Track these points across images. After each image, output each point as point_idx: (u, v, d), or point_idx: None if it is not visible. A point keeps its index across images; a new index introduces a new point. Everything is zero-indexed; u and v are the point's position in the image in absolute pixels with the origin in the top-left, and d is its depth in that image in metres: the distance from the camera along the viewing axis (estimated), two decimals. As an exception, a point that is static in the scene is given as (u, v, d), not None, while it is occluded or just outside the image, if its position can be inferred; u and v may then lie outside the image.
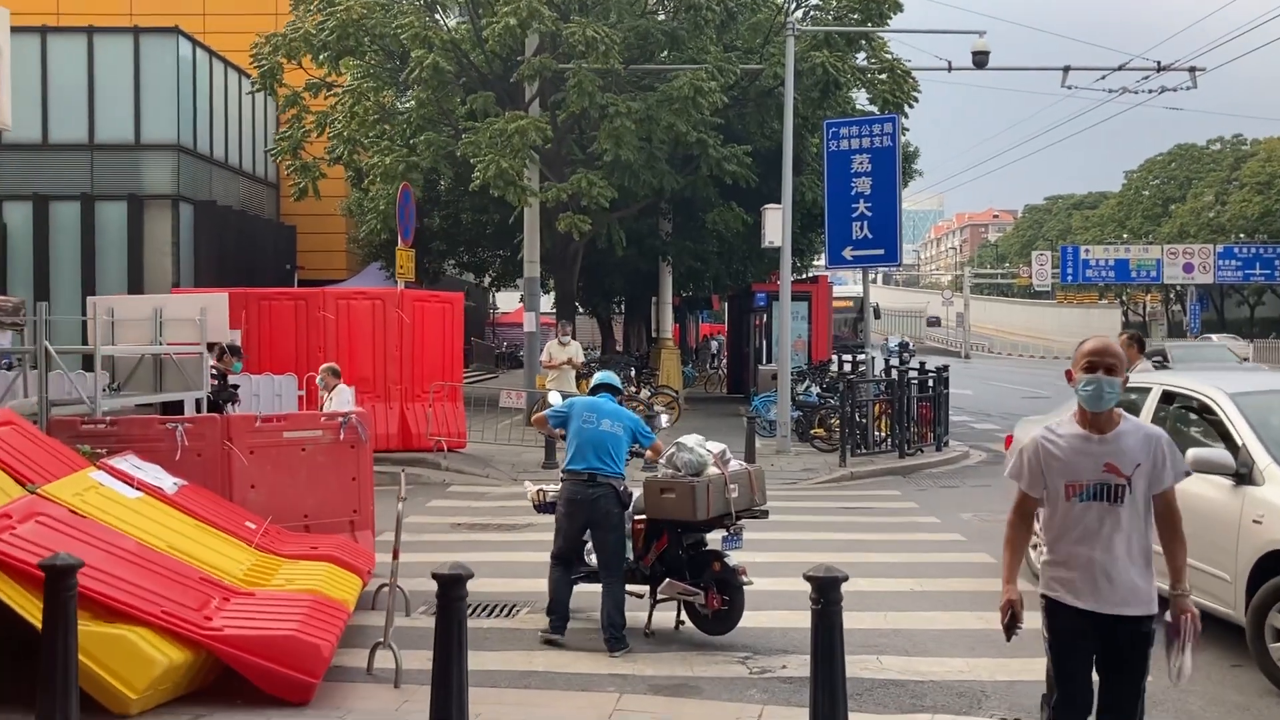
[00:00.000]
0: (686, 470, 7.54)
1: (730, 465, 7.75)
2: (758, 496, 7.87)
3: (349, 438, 9.72)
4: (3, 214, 23.37)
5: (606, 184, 18.13)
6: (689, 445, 7.61)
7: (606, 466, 7.59)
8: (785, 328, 18.22)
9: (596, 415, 7.76)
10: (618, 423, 7.74)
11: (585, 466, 7.63)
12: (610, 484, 7.56)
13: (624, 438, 7.71)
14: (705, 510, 7.37)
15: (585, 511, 7.63)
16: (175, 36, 23.55)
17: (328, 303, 15.99)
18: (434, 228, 25.68)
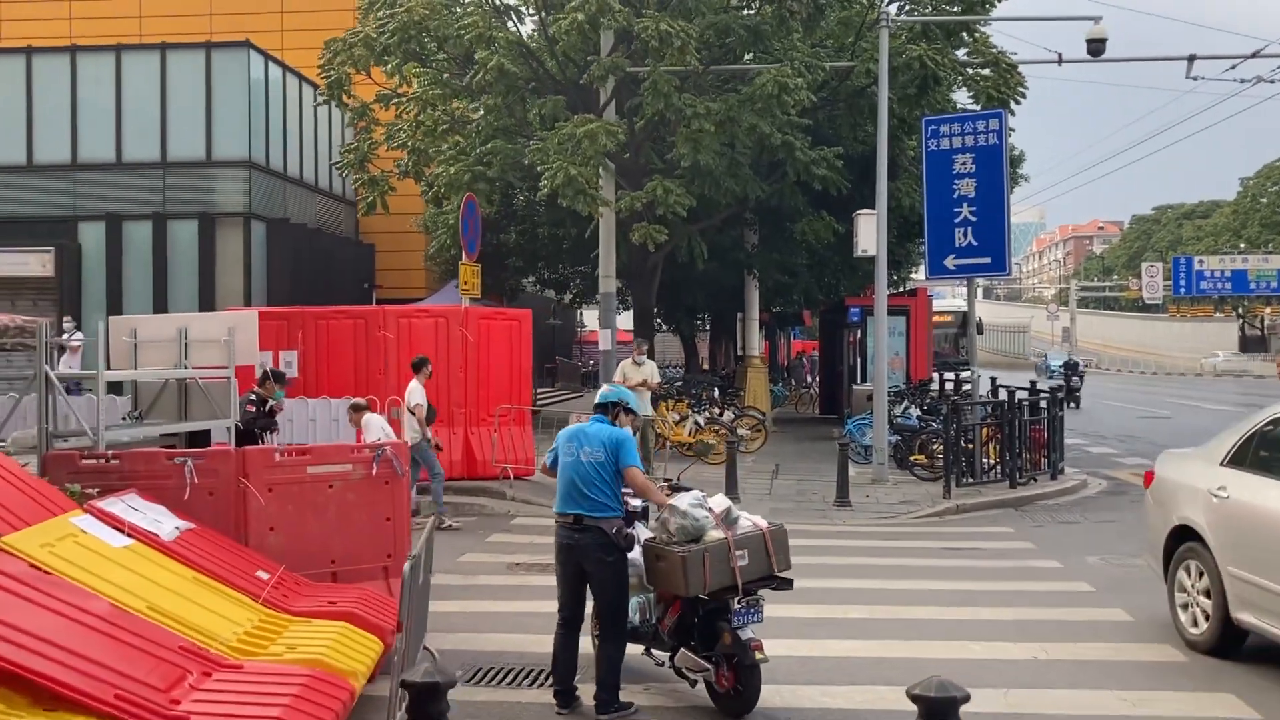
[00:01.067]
0: (680, 536, 6.33)
1: (739, 526, 6.49)
2: (777, 562, 6.56)
3: (383, 472, 8.62)
4: (79, 235, 23.08)
5: (684, 191, 16.87)
6: (681, 508, 6.38)
7: (591, 506, 6.43)
8: (881, 344, 16.74)
9: (576, 445, 6.61)
10: (597, 448, 6.53)
11: (566, 509, 6.53)
12: (598, 526, 6.41)
13: (608, 463, 6.50)
14: (701, 584, 6.17)
15: (574, 560, 6.52)
16: (246, 50, 23.05)
17: (388, 321, 15.03)
18: (510, 243, 24.72)
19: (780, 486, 16.19)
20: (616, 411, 6.82)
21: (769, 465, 18.32)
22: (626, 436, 6.62)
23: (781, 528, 6.79)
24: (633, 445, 6.61)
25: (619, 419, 6.81)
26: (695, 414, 18.48)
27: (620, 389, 7.00)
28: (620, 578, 6.48)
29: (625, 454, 6.50)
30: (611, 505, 6.45)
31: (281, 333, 15.14)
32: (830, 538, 12.71)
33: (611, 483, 6.48)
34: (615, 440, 6.53)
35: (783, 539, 6.76)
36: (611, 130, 15.74)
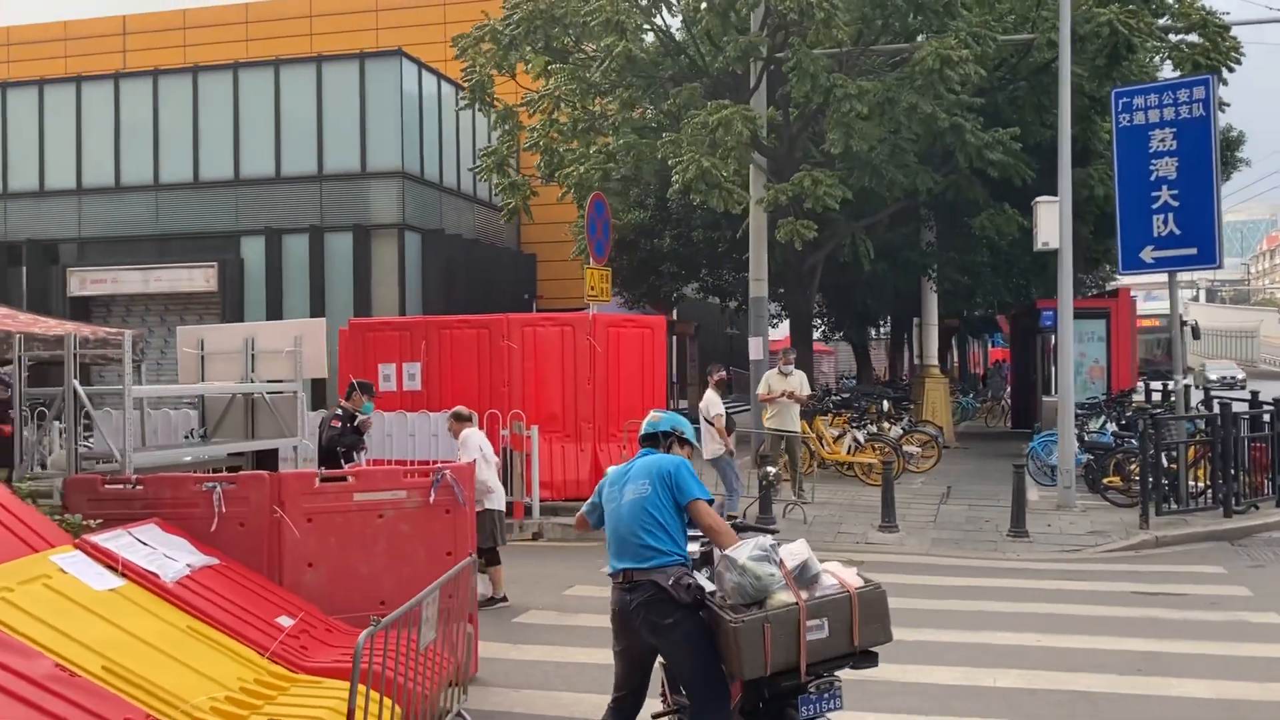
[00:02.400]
0: (737, 598, 4.84)
1: (819, 586, 4.93)
2: (862, 634, 4.95)
3: (442, 500, 7.52)
4: (241, 249, 23.32)
5: (836, 182, 15.23)
6: (739, 561, 4.87)
7: (639, 555, 5.08)
8: (1066, 350, 14.64)
9: (620, 485, 5.28)
10: (643, 481, 5.18)
11: (615, 566, 5.21)
12: (651, 580, 5.02)
13: (661, 498, 5.13)
14: (760, 663, 4.72)
15: (629, 627, 5.14)
16: (398, 59, 22.77)
17: (511, 330, 14.06)
18: (664, 248, 23.53)
19: (948, 513, 14.34)
20: (669, 443, 5.46)
21: (940, 487, 16.42)
22: (681, 463, 5.24)
23: (879, 589, 5.22)
24: (691, 472, 5.22)
25: (673, 450, 5.45)
26: (855, 429, 16.76)
27: (673, 416, 5.60)
28: (694, 640, 5.02)
29: (683, 484, 5.14)
30: (666, 550, 5.09)
31: (405, 344, 14.41)
32: (996, 576, 10.89)
33: (667, 522, 5.12)
34: (666, 469, 5.18)
35: (879, 604, 5.19)
36: (749, 116, 14.29)
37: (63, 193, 24.30)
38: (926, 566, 11.42)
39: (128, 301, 24.06)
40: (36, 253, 24.21)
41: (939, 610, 9.31)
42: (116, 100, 24.01)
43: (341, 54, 23.50)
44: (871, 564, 11.47)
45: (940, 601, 9.66)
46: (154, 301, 23.95)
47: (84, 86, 24.35)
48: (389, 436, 13.68)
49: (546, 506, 13.74)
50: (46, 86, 24.68)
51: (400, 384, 14.30)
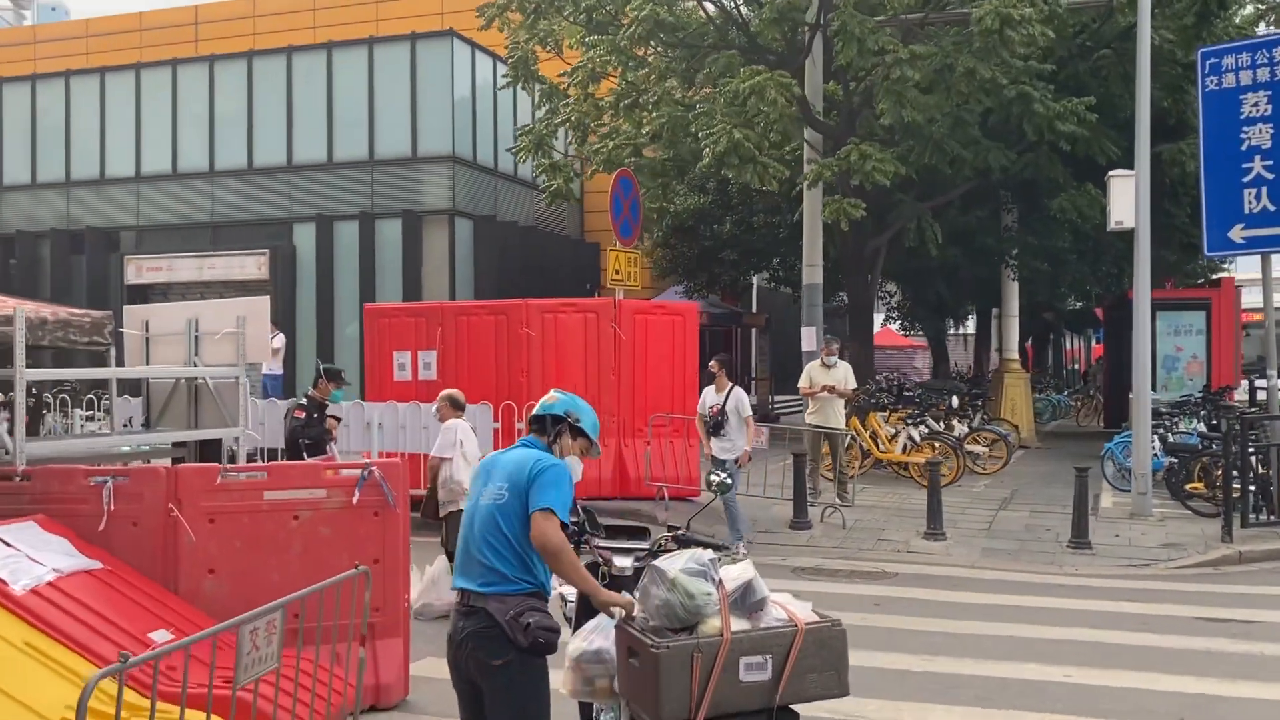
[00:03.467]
0: (662, 619, 3.84)
1: (763, 616, 3.90)
2: (806, 683, 3.97)
3: (369, 501, 6.66)
4: (293, 236, 22.94)
5: (889, 158, 13.95)
6: (669, 574, 3.87)
7: (482, 575, 4.09)
8: (1141, 340, 13.16)
9: (484, 481, 4.27)
10: (502, 484, 4.16)
11: (456, 582, 4.21)
12: (486, 610, 4.04)
13: (515, 509, 4.11)
14: (685, 702, 3.76)
15: (457, 661, 4.16)
16: (449, 40, 22.07)
17: (530, 317, 13.16)
18: (724, 234, 22.40)
19: (1005, 520, 13.00)
20: (559, 430, 4.42)
21: (1004, 491, 15.05)
22: (551, 467, 4.19)
23: (837, 628, 4.17)
24: (559, 481, 4.16)
25: (561, 442, 4.42)
26: (911, 426, 15.44)
27: (571, 398, 4.52)
28: (520, 691, 4.07)
29: (540, 491, 4.08)
30: (512, 576, 4.10)
31: (421, 331, 13.63)
32: (1043, 594, 9.60)
33: (518, 540, 4.12)
34: (529, 470, 4.14)
35: (834, 644, 4.15)
36: (784, 83, 13.11)
37: (122, 180, 24.25)
38: (966, 581, 10.18)
39: (183, 290, 23.85)
40: (97, 240, 24.21)
41: (964, 634, 8.12)
42: (174, 87, 23.84)
43: (392, 35, 22.90)
44: (905, 576, 10.32)
45: (969, 624, 8.46)
46: (209, 290, 23.68)
47: (143, 74, 24.26)
48: (402, 429, 12.90)
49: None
50: (108, 74, 24.66)
51: (415, 373, 13.53)
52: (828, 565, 10.86)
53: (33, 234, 24.73)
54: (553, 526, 4.02)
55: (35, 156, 25.01)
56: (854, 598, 9.42)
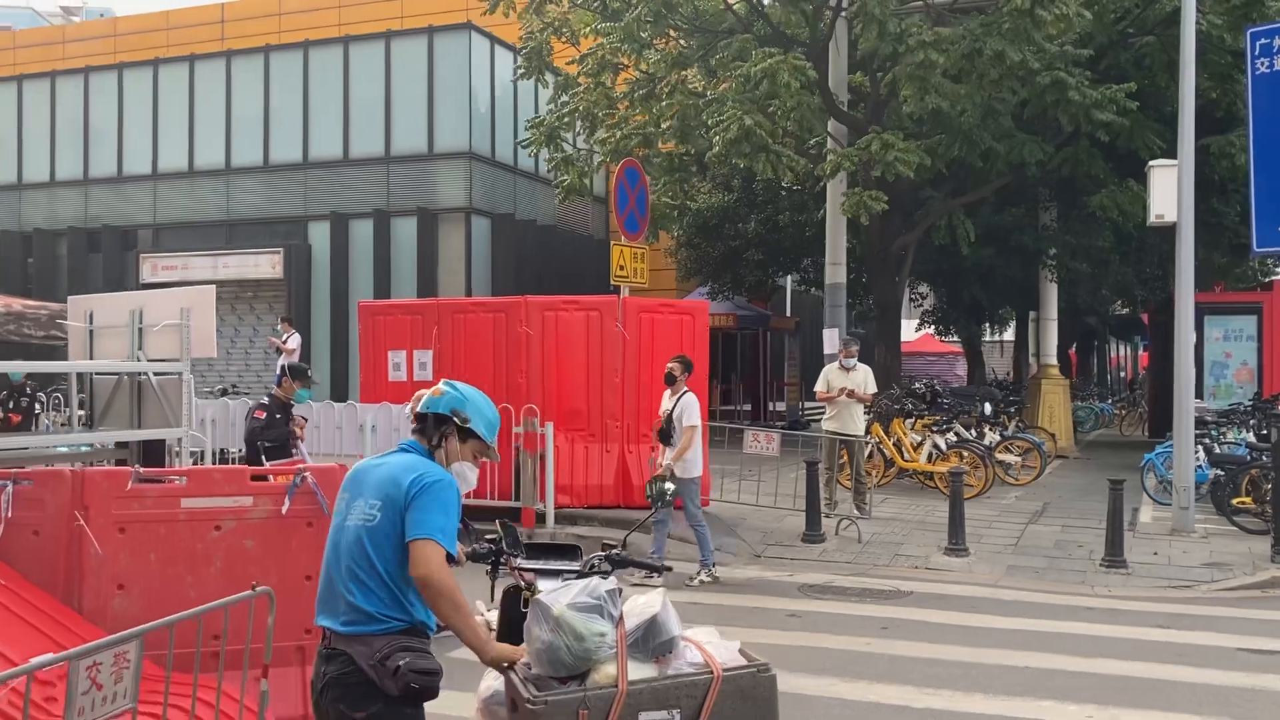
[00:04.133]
0: (546, 665, 3.21)
1: (674, 659, 3.19)
2: None
3: (301, 510, 6.00)
4: (309, 235, 22.50)
5: (913, 148, 13.12)
6: (553, 610, 3.19)
7: (347, 613, 3.37)
8: (1184, 343, 12.26)
9: (350, 497, 3.51)
10: (374, 501, 3.41)
11: (318, 619, 3.50)
12: (348, 654, 3.33)
13: (388, 532, 3.38)
14: None
15: (319, 709, 3.46)
16: (467, 33, 21.52)
17: (530, 314, 12.49)
18: (749, 233, 21.61)
19: (1035, 534, 12.11)
20: (443, 432, 3.69)
21: (1036, 503, 14.15)
22: (435, 483, 3.42)
23: (763, 672, 3.44)
24: (444, 500, 3.41)
25: (448, 447, 3.69)
26: (936, 434, 14.58)
27: (459, 391, 3.73)
28: None
29: (420, 514, 3.35)
30: (379, 614, 3.38)
31: (417, 329, 13.01)
32: (1069, 617, 8.75)
33: (389, 571, 3.40)
34: (407, 487, 3.40)
35: (760, 694, 3.44)
36: (798, 66, 12.33)
37: (139, 178, 23.95)
38: (985, 602, 9.34)
39: (199, 289, 23.49)
40: (113, 238, 23.92)
41: (975, 664, 7.31)
42: (191, 82, 23.51)
43: (410, 29, 22.39)
44: (920, 595, 9.50)
45: (983, 651, 7.64)
46: (224, 289, 23.25)
47: (160, 70, 23.96)
48: (396, 431, 12.28)
49: (564, 514, 12.15)
50: (126, 70, 24.41)
51: (411, 373, 12.91)
52: (837, 582, 10.06)
53: (50, 232, 24.50)
54: (436, 560, 3.30)
55: (54, 154, 24.80)
56: (860, 620, 8.64)
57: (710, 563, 9.99)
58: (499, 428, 3.78)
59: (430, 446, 3.59)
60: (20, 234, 24.81)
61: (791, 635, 8.10)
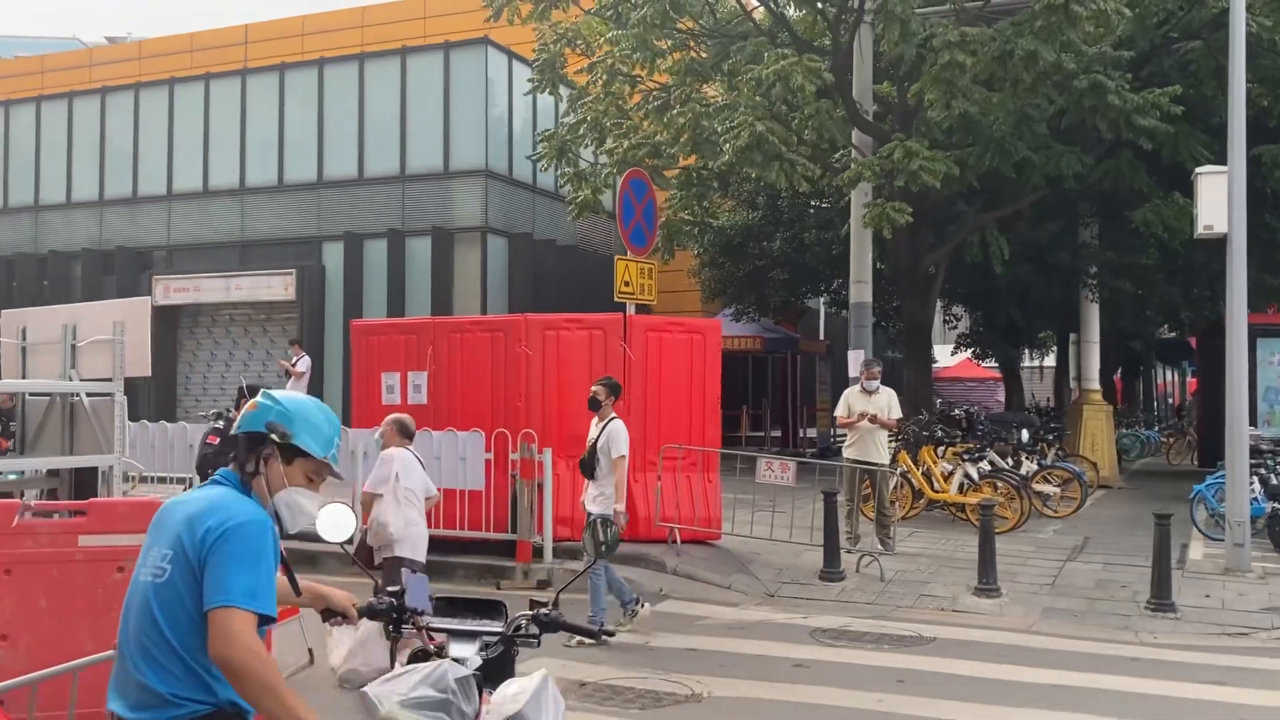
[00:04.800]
0: None
1: None
2: None
3: (218, 549, 5.21)
4: (323, 255, 21.98)
5: (937, 156, 12.27)
6: (379, 705, 2.49)
7: (137, 697, 2.62)
8: (1235, 366, 11.29)
9: (148, 544, 2.76)
10: (165, 551, 2.66)
11: (109, 702, 2.70)
12: None
13: (183, 593, 2.62)
14: None
15: None
16: (484, 48, 20.96)
17: (530, 333, 11.74)
18: (774, 252, 20.77)
19: (1074, 573, 11.14)
20: (262, 454, 2.89)
21: (1076, 537, 13.16)
22: (238, 528, 2.66)
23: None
24: (251, 550, 2.65)
25: (269, 473, 2.89)
26: (968, 462, 13.63)
27: (279, 401, 2.91)
28: None
29: (219, 573, 2.61)
30: (175, 696, 2.61)
31: (412, 349, 12.28)
32: (1113, 669, 7.82)
33: (182, 642, 2.63)
34: (202, 535, 2.65)
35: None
36: (812, 68, 11.53)
37: (154, 199, 23.60)
38: (1016, 651, 8.42)
39: (213, 311, 23.05)
40: (127, 260, 23.54)
41: (1001, 728, 6.42)
42: (206, 103, 23.16)
43: (426, 45, 21.89)
44: (944, 642, 8.60)
45: (1010, 711, 6.76)
46: (238, 311, 22.85)
47: (176, 89, 23.63)
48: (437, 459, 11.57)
49: (563, 548, 11.35)
50: (142, 90, 24.11)
51: (405, 396, 12.18)
52: (854, 626, 9.17)
53: (65, 254, 24.18)
54: (240, 635, 2.54)
55: (70, 175, 24.54)
56: (875, 671, 7.76)
57: (631, 600, 8.96)
58: (337, 439, 2.99)
59: (246, 476, 2.82)
60: (36, 256, 24.51)
61: (793, 689, 7.24)
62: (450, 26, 26.09)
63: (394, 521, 7.41)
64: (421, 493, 7.73)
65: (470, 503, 11.56)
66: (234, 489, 2.79)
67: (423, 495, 7.75)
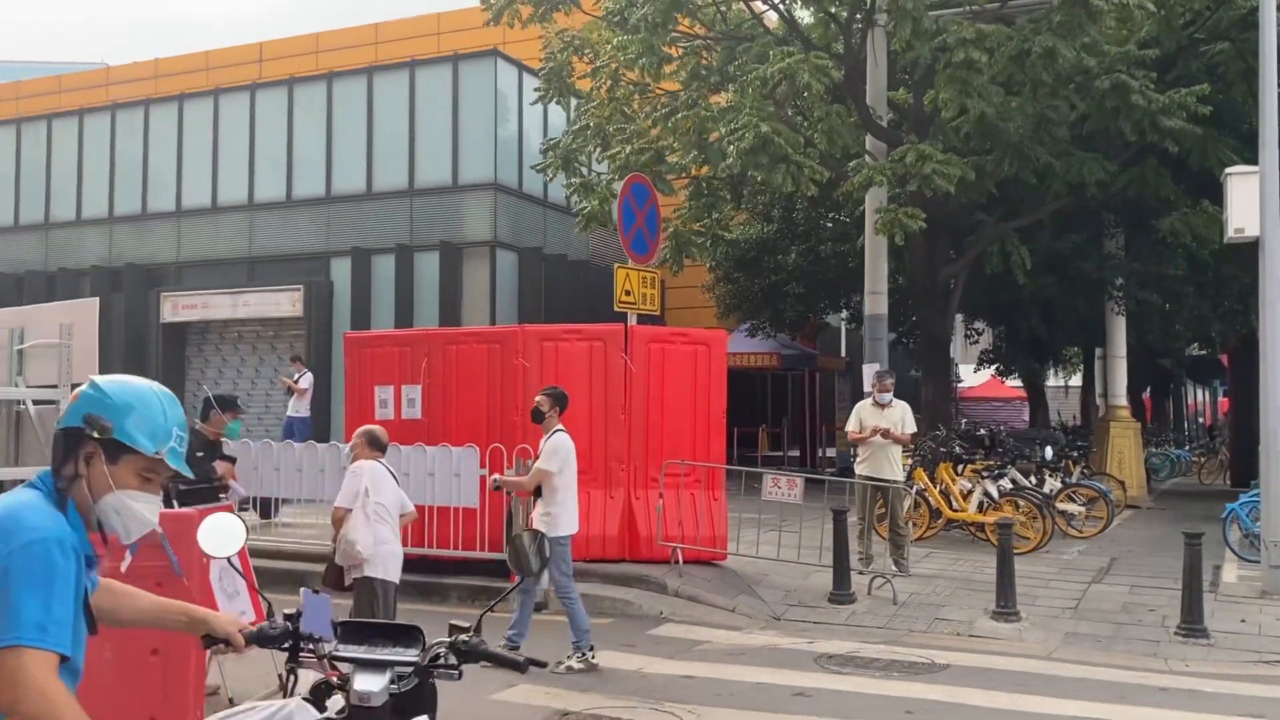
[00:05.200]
0: None
1: None
2: None
3: (147, 567, 4.83)
4: (330, 271, 21.67)
5: (952, 159, 11.75)
6: None
7: None
8: (1272, 376, 10.67)
9: None
10: None
11: None
12: None
13: None
14: None
15: None
16: (493, 59, 20.64)
17: (527, 345, 11.28)
18: (789, 264, 20.26)
19: (1099, 596, 10.54)
20: (83, 452, 2.40)
21: (1101, 559, 12.54)
22: (21, 550, 2.18)
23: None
24: (36, 576, 2.17)
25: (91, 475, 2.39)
26: (987, 480, 13.05)
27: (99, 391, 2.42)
28: None
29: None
30: None
31: (406, 362, 11.84)
32: (1140, 699, 7.25)
33: None
34: None
35: None
36: (820, 65, 11.07)
37: (163, 215, 23.40)
38: (1036, 679, 7.84)
39: (221, 328, 22.76)
40: (136, 277, 23.31)
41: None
42: (215, 118, 22.97)
43: (435, 57, 21.59)
44: (958, 669, 8.04)
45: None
46: (245, 327, 22.56)
47: (186, 105, 23.46)
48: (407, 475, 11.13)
49: (561, 568, 10.83)
50: (152, 106, 23.96)
51: (399, 410, 11.73)
52: (863, 651, 8.62)
53: (75, 271, 23.98)
54: (31, 678, 2.08)
55: (80, 192, 24.40)
56: (881, 701, 7.21)
57: (585, 645, 7.90)
58: (179, 430, 2.50)
59: (65, 480, 2.35)
60: (45, 274, 24.33)
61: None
62: (464, 42, 25.84)
63: (363, 539, 6.94)
64: (395, 508, 7.26)
65: (465, 521, 11.08)
66: (43, 496, 2.32)
67: (396, 511, 7.27)
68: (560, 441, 8.20)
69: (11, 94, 31.68)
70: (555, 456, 8.17)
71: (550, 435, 8.25)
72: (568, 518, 8.27)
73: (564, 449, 8.20)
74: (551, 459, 8.17)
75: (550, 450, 8.17)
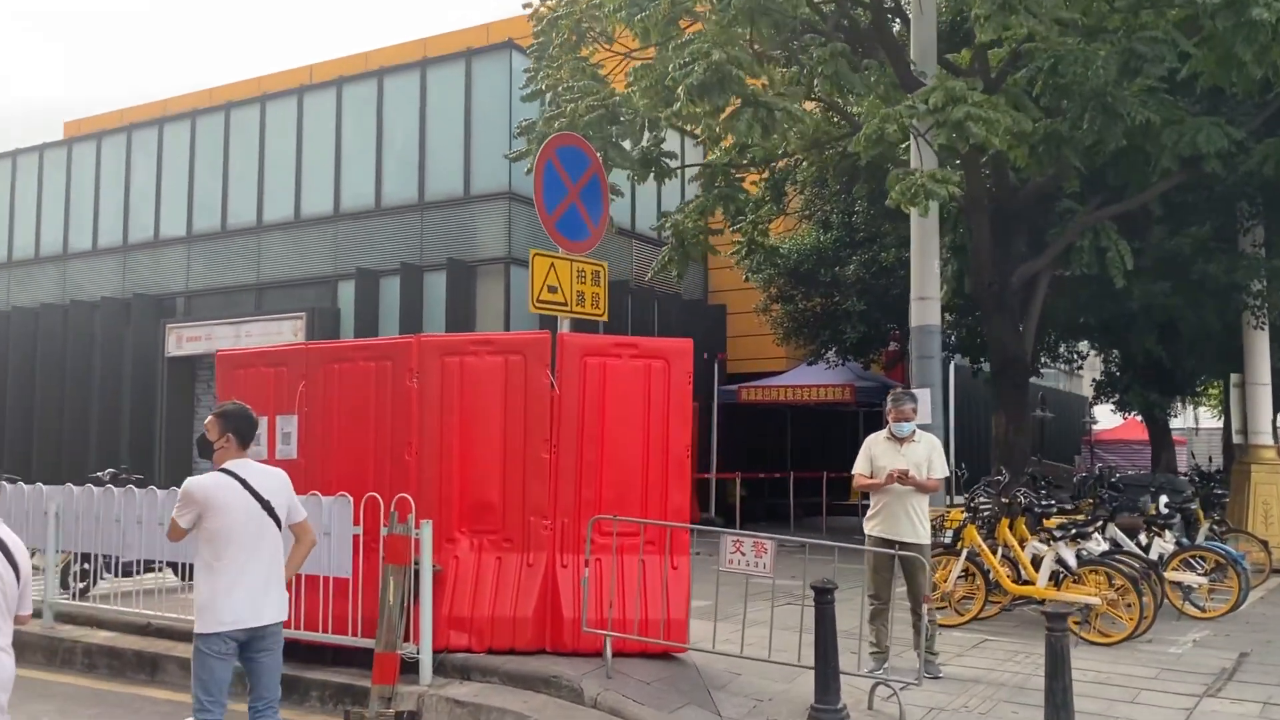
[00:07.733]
0: None
1: None
2: None
3: None
4: (337, 296, 19.51)
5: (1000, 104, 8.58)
6: None
7: None
8: None
9: None
10: None
11: None
12: None
13: None
14: None
15: None
16: (508, 51, 18.21)
17: (424, 360, 8.56)
18: (847, 276, 17.04)
19: (1214, 716, 7.14)
20: None
21: (1228, 651, 9.06)
22: None
23: None
24: None
25: None
26: (1061, 542, 9.66)
27: None
28: None
29: None
30: None
31: (281, 385, 9.24)
32: None
33: None
34: None
35: None
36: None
37: (173, 241, 21.74)
38: None
39: (227, 361, 20.82)
40: (145, 308, 21.62)
41: None
42: (226, 134, 21.22)
43: (446, 54, 19.33)
44: None
45: None
46: (252, 359, 20.55)
47: (198, 121, 21.83)
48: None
49: (456, 663, 8.02)
50: (166, 125, 22.41)
51: (272, 449, 9.12)
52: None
53: (87, 304, 22.46)
54: None
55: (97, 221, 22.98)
56: None
57: None
58: None
59: None
60: (60, 307, 22.88)
61: None
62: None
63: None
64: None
65: (335, 595, 8.40)
66: None
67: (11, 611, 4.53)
68: (200, 484, 5.36)
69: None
70: (188, 506, 5.35)
71: None
72: (223, 599, 5.28)
73: (205, 493, 5.33)
74: (184, 509, 5.35)
75: (184, 495, 5.36)
